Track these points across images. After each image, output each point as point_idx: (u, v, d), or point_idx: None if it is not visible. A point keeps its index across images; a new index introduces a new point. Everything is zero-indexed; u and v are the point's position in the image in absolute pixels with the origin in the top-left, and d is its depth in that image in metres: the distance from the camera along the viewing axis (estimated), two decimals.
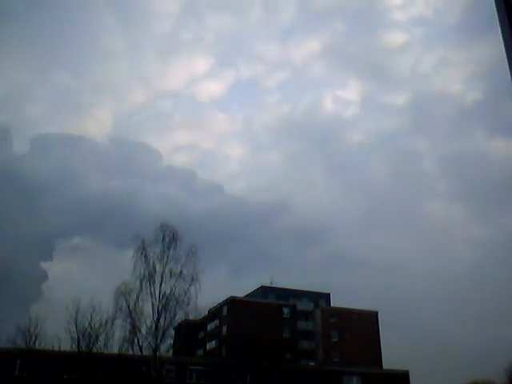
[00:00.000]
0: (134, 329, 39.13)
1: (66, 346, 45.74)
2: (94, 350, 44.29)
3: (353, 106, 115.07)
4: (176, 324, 41.57)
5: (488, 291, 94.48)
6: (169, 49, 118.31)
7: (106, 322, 43.47)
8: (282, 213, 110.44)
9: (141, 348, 39.02)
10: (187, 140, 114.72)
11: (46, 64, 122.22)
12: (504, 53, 2.82)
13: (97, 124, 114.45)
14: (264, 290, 76.33)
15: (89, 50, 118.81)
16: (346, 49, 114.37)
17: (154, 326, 38.79)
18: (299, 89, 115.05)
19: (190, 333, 55.22)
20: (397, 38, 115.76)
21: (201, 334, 72.00)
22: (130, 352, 39.98)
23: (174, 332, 42.70)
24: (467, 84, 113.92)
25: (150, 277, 39.71)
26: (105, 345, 44.38)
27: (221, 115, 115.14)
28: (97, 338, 44.57)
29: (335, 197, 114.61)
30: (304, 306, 74.80)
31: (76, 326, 44.60)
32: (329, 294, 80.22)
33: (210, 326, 71.49)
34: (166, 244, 40.83)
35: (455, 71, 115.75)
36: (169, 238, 41.04)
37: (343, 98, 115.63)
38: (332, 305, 78.21)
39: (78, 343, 44.41)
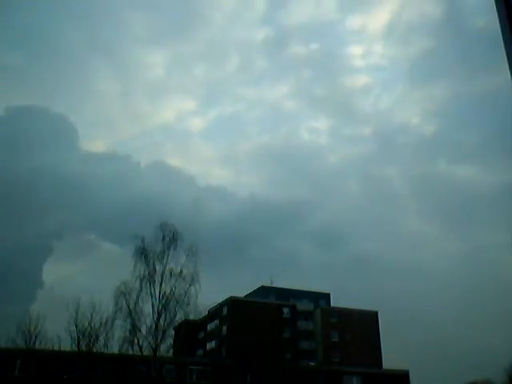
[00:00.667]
0: (134, 329, 39.11)
1: (66, 345, 45.80)
2: (94, 349, 44.30)
3: (324, 136, 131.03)
4: (176, 324, 41.54)
5: (488, 292, 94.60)
6: (160, 91, 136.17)
7: (106, 322, 43.52)
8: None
9: (141, 348, 39.01)
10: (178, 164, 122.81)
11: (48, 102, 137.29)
12: (504, 53, 2.82)
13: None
14: (264, 290, 76.32)
15: (88, 92, 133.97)
16: (313, 91, 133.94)
17: (153, 325, 38.80)
18: (276, 122, 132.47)
19: (189, 333, 55.21)
20: (359, 80, 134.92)
21: (201, 334, 71.98)
22: (130, 352, 39.97)
23: (174, 332, 42.66)
24: (423, 118, 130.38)
25: (150, 277, 39.72)
26: (105, 345, 44.42)
27: (207, 143, 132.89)
28: (97, 337, 44.58)
29: None
30: (304, 305, 74.78)
31: (76, 326, 44.67)
32: (329, 294, 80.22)
33: (210, 326, 71.46)
34: (166, 244, 40.86)
35: (412, 107, 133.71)
36: (169, 238, 41.06)
37: (316, 128, 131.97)
38: (332, 305, 78.20)
39: (78, 343, 44.41)
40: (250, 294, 77.31)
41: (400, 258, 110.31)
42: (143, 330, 39.29)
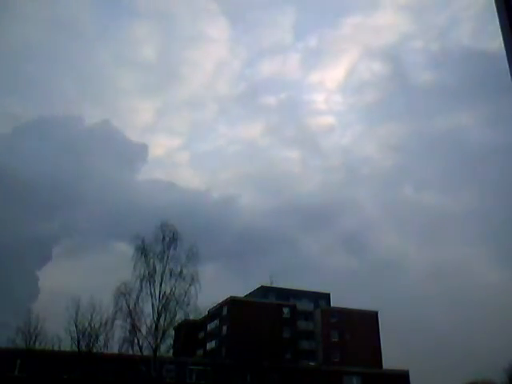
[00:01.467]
0: (134, 329, 39.11)
1: (66, 345, 45.85)
2: (94, 350, 44.35)
3: (297, 166, 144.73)
4: (176, 324, 41.52)
5: (488, 291, 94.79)
6: (150, 132, 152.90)
7: (106, 322, 43.60)
8: None
9: (141, 348, 39.02)
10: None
11: None
12: (504, 53, 2.82)
13: None
14: (264, 290, 76.31)
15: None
16: (283, 130, 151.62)
17: (153, 325, 38.79)
18: (252, 155, 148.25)
19: (189, 333, 55.16)
20: (323, 121, 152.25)
21: (201, 334, 71.98)
22: (130, 352, 39.95)
23: (174, 332, 42.63)
24: (384, 153, 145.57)
25: (150, 277, 39.71)
26: (105, 345, 44.53)
27: (193, 171, 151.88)
28: (97, 337, 44.67)
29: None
30: (304, 305, 74.77)
31: (76, 326, 44.75)
32: (329, 294, 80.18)
33: (210, 326, 71.47)
34: (166, 244, 40.86)
35: (372, 144, 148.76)
36: (169, 238, 41.06)
37: (289, 159, 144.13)
38: (332, 305, 78.19)
39: (78, 343, 44.49)
40: (250, 293, 77.32)
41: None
42: (143, 330, 39.34)
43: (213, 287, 71.51)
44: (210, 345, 70.84)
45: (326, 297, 79.96)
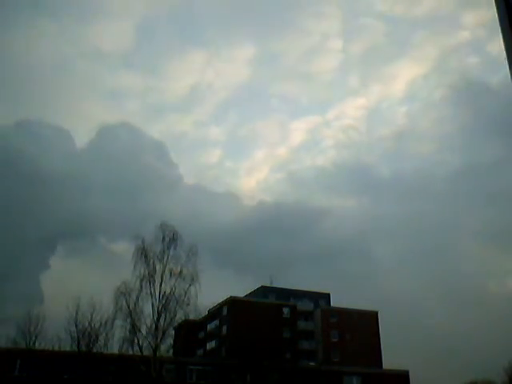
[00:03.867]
0: (134, 329, 39.08)
1: (66, 346, 45.81)
2: (94, 350, 44.31)
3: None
4: (176, 324, 41.50)
5: (488, 290, 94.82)
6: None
7: (106, 322, 43.58)
8: None
9: (141, 348, 38.99)
10: None
11: None
12: (504, 53, 2.82)
13: None
14: (264, 290, 76.34)
15: None
16: None
17: (153, 325, 38.76)
18: None
19: (189, 333, 55.17)
20: None
21: (201, 334, 71.96)
22: (130, 352, 39.95)
23: (174, 332, 42.63)
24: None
25: (150, 277, 39.67)
26: (105, 345, 44.50)
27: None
28: (97, 337, 44.64)
29: None
30: (304, 305, 74.79)
31: (76, 326, 44.72)
32: (329, 294, 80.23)
33: (210, 326, 71.47)
34: (166, 244, 40.80)
35: None
36: (169, 238, 40.99)
37: None
38: (332, 305, 78.21)
39: (78, 343, 44.46)
40: (249, 293, 77.33)
41: None
42: (143, 330, 39.30)
43: (213, 287, 71.52)
44: (210, 345, 70.85)
45: (326, 297, 80.00)
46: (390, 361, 66.53)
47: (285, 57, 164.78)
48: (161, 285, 39.49)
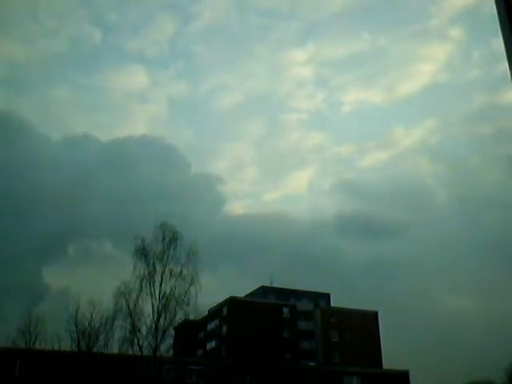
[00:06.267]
0: (134, 329, 39.08)
1: (66, 346, 45.82)
2: (94, 349, 44.32)
3: None
4: (176, 324, 41.52)
5: (489, 290, 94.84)
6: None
7: (106, 322, 43.59)
8: None
9: (141, 348, 38.98)
10: None
11: None
12: (504, 53, 2.82)
13: None
14: (264, 290, 76.34)
15: None
16: None
17: (153, 325, 38.75)
18: None
19: (189, 333, 55.21)
20: None
21: (201, 334, 71.99)
22: (130, 352, 39.95)
23: (174, 332, 42.65)
24: None
25: (150, 277, 39.68)
26: (105, 345, 44.49)
27: None
28: (97, 337, 44.65)
29: None
30: (304, 305, 74.76)
31: (76, 326, 44.72)
32: (329, 294, 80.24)
33: (210, 326, 71.48)
34: (166, 244, 40.81)
35: None
36: (169, 238, 41.00)
37: None
38: (332, 305, 78.21)
39: (78, 343, 44.46)
40: (249, 293, 77.34)
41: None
42: (143, 330, 39.29)
43: (213, 287, 71.65)
44: (210, 345, 70.85)
45: (326, 297, 80.00)
46: (390, 361, 66.63)
47: None
48: (161, 285, 39.51)
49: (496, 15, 2.93)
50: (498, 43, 2.87)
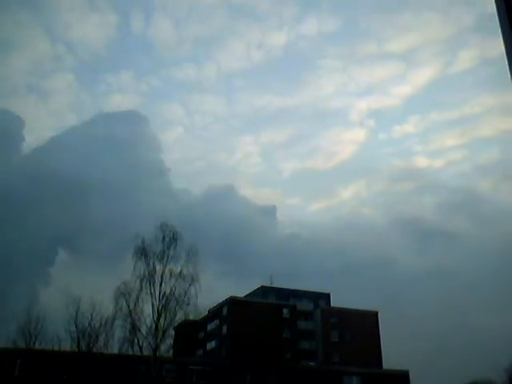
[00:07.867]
0: (134, 329, 39.13)
1: (66, 346, 45.79)
2: (94, 350, 44.30)
3: None
4: (176, 324, 41.55)
5: (489, 290, 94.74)
6: None
7: (106, 322, 43.58)
8: None
9: (141, 348, 39.01)
10: None
11: None
12: (504, 53, 2.82)
13: None
14: (264, 290, 76.31)
15: None
16: None
17: (153, 325, 38.81)
18: None
19: (189, 333, 55.21)
20: None
21: (201, 334, 71.95)
22: (130, 352, 39.95)
23: (174, 332, 42.67)
24: None
25: (150, 277, 39.74)
26: (105, 345, 44.46)
27: None
28: (97, 337, 44.63)
29: None
30: (304, 305, 74.75)
31: (76, 326, 44.70)
32: (329, 294, 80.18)
33: (210, 326, 71.45)
34: (166, 244, 40.88)
35: None
36: (169, 238, 41.08)
37: None
38: (332, 305, 78.19)
39: (78, 343, 44.44)
40: (249, 293, 77.32)
41: None
42: (143, 330, 39.36)
43: (213, 287, 71.58)
44: (210, 345, 70.84)
45: (326, 297, 79.97)
46: (390, 361, 66.63)
47: None
48: (161, 285, 39.59)
49: (496, 15, 2.93)
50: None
